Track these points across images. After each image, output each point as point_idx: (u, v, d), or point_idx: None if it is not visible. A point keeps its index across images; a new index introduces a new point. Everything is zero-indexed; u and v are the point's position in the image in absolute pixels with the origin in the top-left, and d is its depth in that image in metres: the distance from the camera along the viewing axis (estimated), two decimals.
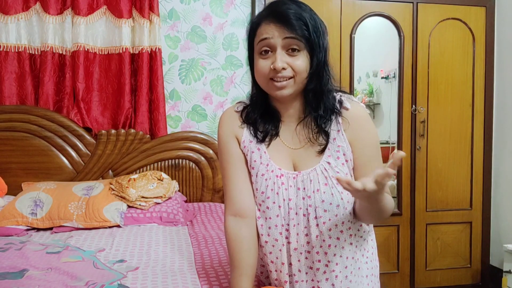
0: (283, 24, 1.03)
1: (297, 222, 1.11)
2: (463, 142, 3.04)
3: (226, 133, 1.18)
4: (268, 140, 1.14)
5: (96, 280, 1.29)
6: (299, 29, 1.03)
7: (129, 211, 2.08)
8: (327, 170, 1.09)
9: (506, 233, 2.99)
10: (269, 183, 1.12)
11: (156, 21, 2.52)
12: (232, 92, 2.74)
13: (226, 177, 1.17)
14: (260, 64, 1.08)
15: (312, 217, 1.09)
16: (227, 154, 1.17)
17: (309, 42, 1.04)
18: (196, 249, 1.69)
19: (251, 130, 1.15)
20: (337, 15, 2.83)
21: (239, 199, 1.14)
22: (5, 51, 2.40)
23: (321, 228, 1.09)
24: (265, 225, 1.13)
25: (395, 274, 2.99)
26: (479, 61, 3.03)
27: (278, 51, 1.04)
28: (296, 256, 1.12)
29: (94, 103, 2.52)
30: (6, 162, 2.35)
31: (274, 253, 1.14)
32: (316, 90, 1.09)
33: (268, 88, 1.09)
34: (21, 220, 1.96)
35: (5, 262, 1.42)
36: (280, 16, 1.04)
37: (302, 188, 1.10)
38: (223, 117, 1.21)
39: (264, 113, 1.15)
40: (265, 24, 1.06)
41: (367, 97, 3.34)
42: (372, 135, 1.13)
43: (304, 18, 1.04)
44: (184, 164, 2.55)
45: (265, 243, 1.14)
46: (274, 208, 1.11)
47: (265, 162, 1.13)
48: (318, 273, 1.11)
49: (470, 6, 2.99)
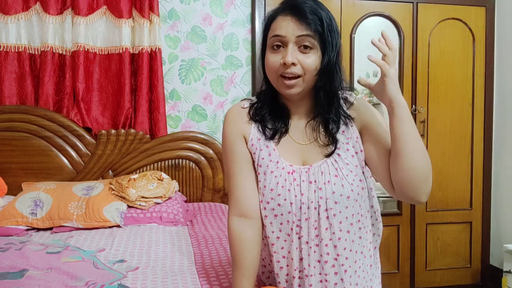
0: (299, 17, 1.04)
1: (308, 216, 1.10)
2: (463, 142, 3.04)
3: (233, 132, 1.16)
4: (278, 138, 1.14)
5: (96, 280, 1.29)
6: (313, 24, 1.04)
7: (129, 211, 2.08)
8: (337, 162, 1.10)
9: (506, 233, 2.99)
10: (279, 180, 1.10)
11: (156, 21, 2.52)
12: (232, 92, 2.74)
13: (232, 177, 1.15)
14: (270, 58, 1.08)
15: (322, 209, 1.09)
16: (233, 153, 1.15)
17: (322, 38, 1.05)
18: (196, 249, 1.69)
19: (259, 127, 1.14)
20: (337, 15, 2.83)
21: (245, 200, 1.13)
22: (5, 51, 2.40)
23: (331, 221, 1.09)
24: (276, 222, 1.12)
25: (395, 274, 2.99)
26: (479, 61, 3.03)
27: (290, 46, 1.05)
28: (306, 249, 1.11)
29: (94, 103, 2.52)
30: (6, 162, 2.35)
31: (286, 248, 1.13)
32: (326, 89, 1.09)
33: (278, 85, 1.09)
34: (21, 220, 1.96)
35: (5, 262, 1.42)
36: (296, 9, 1.05)
37: (314, 181, 1.09)
38: (229, 115, 1.19)
39: (273, 109, 1.15)
40: (281, 18, 1.07)
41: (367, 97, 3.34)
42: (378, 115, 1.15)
43: (319, 14, 1.05)
44: (184, 164, 2.55)
45: (277, 239, 1.13)
46: (286, 205, 1.10)
47: (274, 159, 1.12)
48: (326, 266, 1.10)
49: (470, 6, 2.99)
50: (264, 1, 2.70)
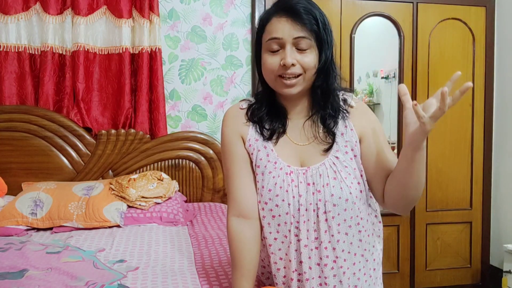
0: (294, 18, 1.04)
1: (307, 218, 1.10)
2: (463, 142, 3.04)
3: (231, 132, 1.16)
4: (276, 138, 1.14)
5: (96, 280, 1.29)
6: (309, 24, 1.04)
7: (129, 211, 2.08)
8: (336, 165, 1.10)
9: (506, 233, 2.99)
10: (277, 181, 1.11)
11: (156, 21, 2.52)
12: (232, 92, 2.74)
13: (230, 177, 1.16)
14: (268, 60, 1.07)
15: (321, 211, 1.09)
16: (232, 154, 1.16)
17: (318, 37, 1.05)
18: (196, 249, 1.69)
19: (257, 128, 1.15)
20: (337, 15, 2.83)
21: (243, 200, 1.13)
22: (5, 51, 2.40)
23: (330, 223, 1.09)
24: (273, 223, 1.12)
25: (395, 274, 2.99)
26: (479, 61, 3.03)
27: (287, 48, 1.05)
28: (306, 253, 1.10)
29: (94, 103, 2.52)
30: (6, 162, 2.35)
31: (283, 250, 1.13)
32: (323, 87, 1.10)
33: (276, 86, 1.09)
34: (21, 220, 1.96)
35: (5, 262, 1.42)
36: (290, 10, 1.04)
37: (312, 183, 1.09)
38: (227, 115, 1.19)
39: (271, 110, 1.15)
40: (275, 20, 1.06)
41: (367, 97, 3.34)
42: (379, 125, 1.17)
43: (314, 13, 1.05)
44: (184, 164, 2.55)
45: (274, 241, 1.13)
46: (284, 205, 1.10)
47: (273, 160, 1.12)
48: (325, 268, 1.10)
49: (470, 6, 2.99)
50: (264, 1, 2.70)
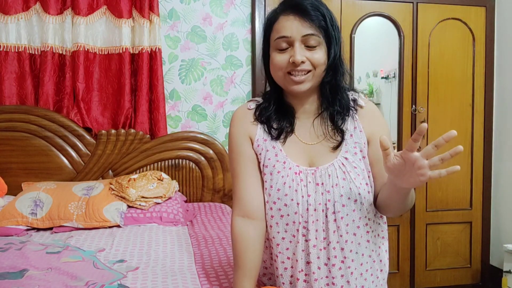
0: (301, 15, 1.04)
1: (316, 218, 1.09)
2: (463, 142, 3.04)
3: (239, 133, 1.16)
4: (284, 137, 1.14)
5: (96, 280, 1.29)
6: (317, 20, 1.04)
7: (129, 211, 2.08)
8: (345, 165, 1.10)
9: (506, 233, 2.99)
10: (286, 180, 1.10)
11: (156, 21, 2.52)
12: (232, 92, 2.74)
13: (237, 177, 1.15)
14: (276, 58, 1.08)
15: (330, 212, 1.09)
16: (239, 154, 1.15)
17: (327, 33, 1.05)
18: (196, 249, 1.69)
19: (265, 128, 1.14)
20: (337, 15, 2.83)
21: (249, 201, 1.13)
22: (5, 51, 2.40)
23: (339, 223, 1.09)
24: (282, 223, 1.11)
25: (395, 274, 2.99)
26: (479, 61, 3.03)
27: (296, 45, 1.05)
28: (315, 253, 1.10)
29: (94, 103, 2.52)
30: (6, 162, 2.35)
31: (291, 250, 1.13)
32: (332, 84, 1.10)
33: (285, 83, 1.09)
34: (21, 220, 1.96)
35: (5, 262, 1.42)
36: (297, 8, 1.05)
37: (321, 183, 1.09)
38: (235, 116, 1.19)
39: (278, 109, 1.15)
40: (283, 18, 1.06)
41: (367, 97, 3.34)
42: (387, 129, 1.16)
43: (321, 10, 1.05)
44: (184, 164, 2.55)
45: (282, 240, 1.12)
46: (292, 205, 1.10)
47: (281, 159, 1.12)
48: (333, 269, 1.10)
49: (470, 6, 2.99)
50: (264, 1, 2.70)
